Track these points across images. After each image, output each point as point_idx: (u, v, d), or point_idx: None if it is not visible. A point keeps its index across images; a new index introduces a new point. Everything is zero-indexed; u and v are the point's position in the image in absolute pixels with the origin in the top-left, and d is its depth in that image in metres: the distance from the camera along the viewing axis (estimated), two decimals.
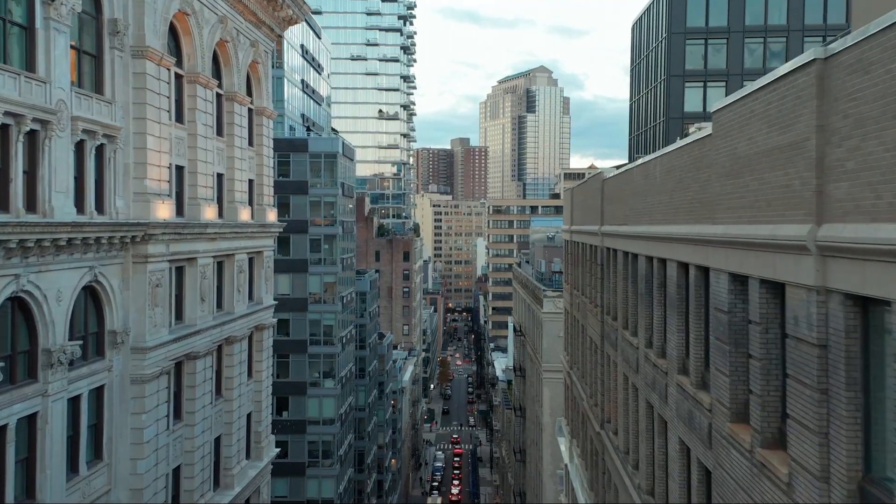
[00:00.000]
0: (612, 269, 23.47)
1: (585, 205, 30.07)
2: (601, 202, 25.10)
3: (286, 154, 59.35)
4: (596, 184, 26.56)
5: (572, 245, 35.19)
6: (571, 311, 35.61)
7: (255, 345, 37.87)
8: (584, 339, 31.00)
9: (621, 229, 21.07)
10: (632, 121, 72.70)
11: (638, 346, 18.88)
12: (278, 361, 59.87)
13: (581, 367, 31.85)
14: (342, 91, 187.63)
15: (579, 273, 33.31)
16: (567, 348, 38.34)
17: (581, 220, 31.91)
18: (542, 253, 72.84)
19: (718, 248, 11.84)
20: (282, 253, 60.10)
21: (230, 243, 33.10)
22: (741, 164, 10.89)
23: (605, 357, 24.80)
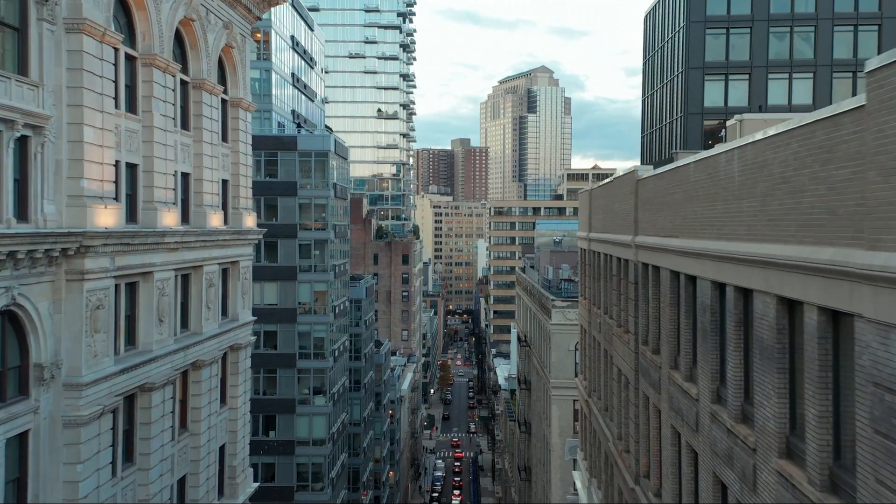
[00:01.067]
0: (653, 290, 18.96)
1: (610, 209, 25.56)
2: (634, 207, 20.59)
3: (273, 153, 54.90)
4: (626, 185, 22.04)
5: (591, 255, 30.70)
6: (590, 329, 31.10)
7: (230, 367, 33.41)
8: (607, 367, 26.48)
9: (668, 243, 16.54)
10: (644, 118, 68.22)
11: (698, 399, 14.36)
12: (265, 377, 55.47)
13: (604, 399, 27.33)
14: (340, 90, 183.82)
15: (600, 288, 28.84)
16: (584, 371, 33.85)
17: (603, 226, 27.42)
18: (548, 258, 68.36)
19: (878, 286, 7.35)
20: (269, 259, 55.65)
21: (197, 253, 28.62)
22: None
23: (640, 397, 20.28)
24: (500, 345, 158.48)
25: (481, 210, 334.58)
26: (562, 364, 53.40)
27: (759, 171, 11.09)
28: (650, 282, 19.26)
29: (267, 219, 55.27)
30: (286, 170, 54.92)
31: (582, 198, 34.18)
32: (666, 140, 60.05)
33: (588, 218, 31.61)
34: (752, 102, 54.56)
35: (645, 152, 68.23)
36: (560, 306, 53.69)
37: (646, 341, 19.95)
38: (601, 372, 28.09)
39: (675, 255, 16.20)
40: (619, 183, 23.43)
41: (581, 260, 34.35)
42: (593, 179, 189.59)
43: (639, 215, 20.44)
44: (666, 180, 17.32)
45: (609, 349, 25.74)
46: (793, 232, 9.68)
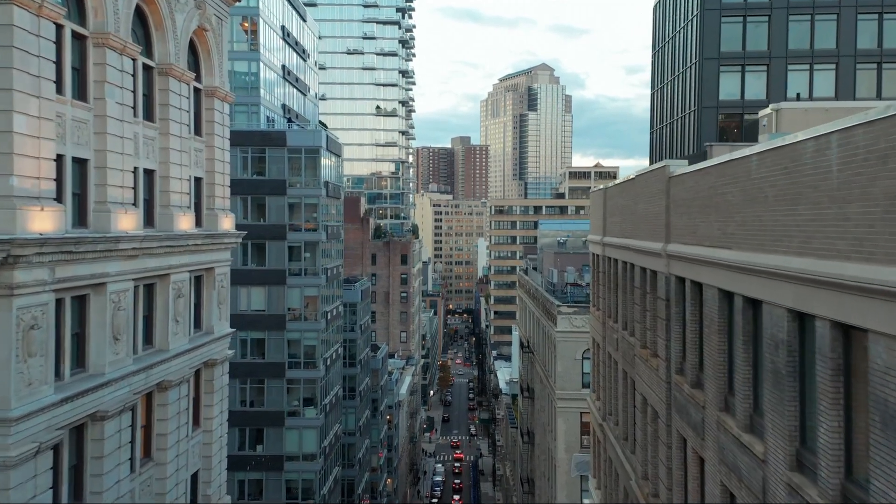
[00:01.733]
0: (691, 311, 15.66)
1: (631, 211, 22.27)
2: (665, 210, 17.29)
3: (261, 149, 51.58)
4: (653, 183, 18.74)
5: (605, 262, 27.42)
6: (604, 345, 27.81)
7: (205, 385, 30.14)
8: (627, 390, 23.20)
9: (717, 255, 13.25)
10: (653, 113, 64.89)
11: (766, 460, 11.04)
12: (252, 388, 52.19)
13: (623, 426, 24.01)
14: (338, 86, 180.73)
15: (617, 299, 25.59)
16: (597, 389, 30.58)
17: (622, 230, 24.13)
18: (552, 260, 65.07)
19: None
20: (256, 262, 52.37)
21: (162, 260, 25.33)
22: None
23: (674, 436, 16.97)
24: (501, 346, 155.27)
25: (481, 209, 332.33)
26: (568, 374, 50.16)
27: (880, 163, 7.78)
28: (687, 300, 15.96)
29: (255, 219, 52.03)
30: (275, 167, 51.63)
31: (594, 197, 30.88)
32: (678, 136, 56.74)
33: (602, 220, 28.32)
34: (770, 95, 51.23)
35: (654, 150, 64.91)
36: (566, 312, 50.42)
37: (681, 370, 16.64)
38: (619, 395, 24.78)
39: (728, 270, 12.90)
40: (644, 181, 20.11)
41: (593, 266, 31.04)
42: (595, 178, 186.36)
43: (671, 219, 17.13)
44: (712, 177, 14.00)
45: (630, 371, 22.43)
46: None
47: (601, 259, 28.57)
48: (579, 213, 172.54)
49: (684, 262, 15.91)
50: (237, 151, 51.46)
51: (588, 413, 50.86)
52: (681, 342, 16.79)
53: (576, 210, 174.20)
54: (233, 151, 51.88)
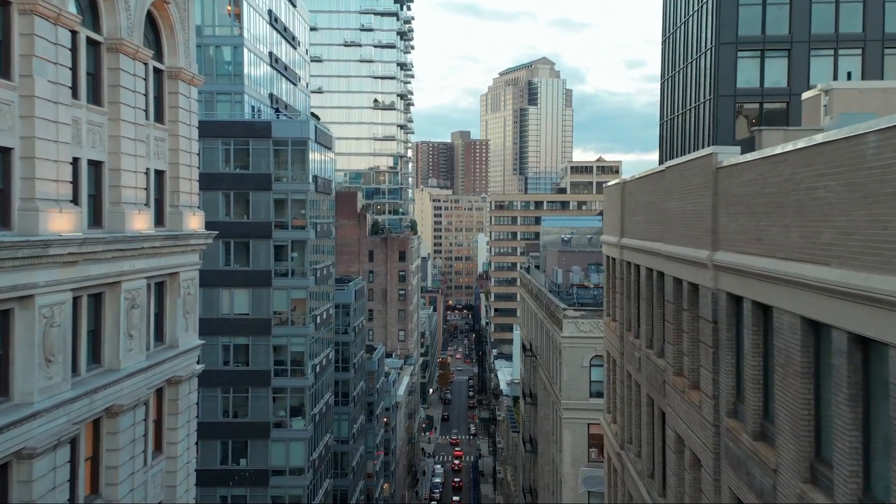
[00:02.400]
0: (752, 340, 12.12)
1: (659, 209, 18.72)
2: (712, 209, 13.75)
3: (244, 140, 47.98)
4: (693, 175, 15.18)
5: (624, 267, 23.88)
6: (622, 362, 24.28)
7: (168, 405, 26.61)
8: (653, 421, 19.67)
9: (799, 272, 9.69)
10: (663, 103, 61.27)
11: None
12: (235, 397, 48.68)
13: (647, 462, 20.47)
14: (335, 79, 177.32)
15: (638, 311, 22.09)
16: (612, 410, 27.06)
17: (646, 231, 20.60)
18: (556, 259, 61.52)
19: None
20: (240, 262, 48.83)
21: (110, 266, 21.77)
22: None
23: (725, 494, 13.42)
24: (502, 345, 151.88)
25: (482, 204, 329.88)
26: (575, 382, 46.71)
27: None
28: (746, 326, 12.40)
29: (237, 216, 48.48)
30: (259, 160, 48.05)
31: (609, 193, 27.31)
32: (690, 128, 53.11)
33: (619, 219, 24.75)
34: (792, 82, 47.68)
35: (664, 143, 61.29)
36: (572, 316, 46.92)
37: (735, 414, 13.09)
38: (642, 424, 21.24)
39: (820, 294, 9.32)
40: (679, 173, 16.53)
41: (608, 271, 27.50)
42: (598, 172, 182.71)
43: (720, 221, 13.58)
44: (790, 167, 10.41)
45: (658, 400, 18.87)
46: None
47: (618, 263, 25.01)
48: (581, 208, 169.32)
49: (742, 277, 12.35)
50: (219, 144, 47.93)
51: (597, 424, 47.48)
52: (734, 377, 13.25)
53: (577, 205, 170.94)
54: (214, 144, 48.41)
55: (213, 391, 47.80)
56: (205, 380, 48.35)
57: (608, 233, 27.38)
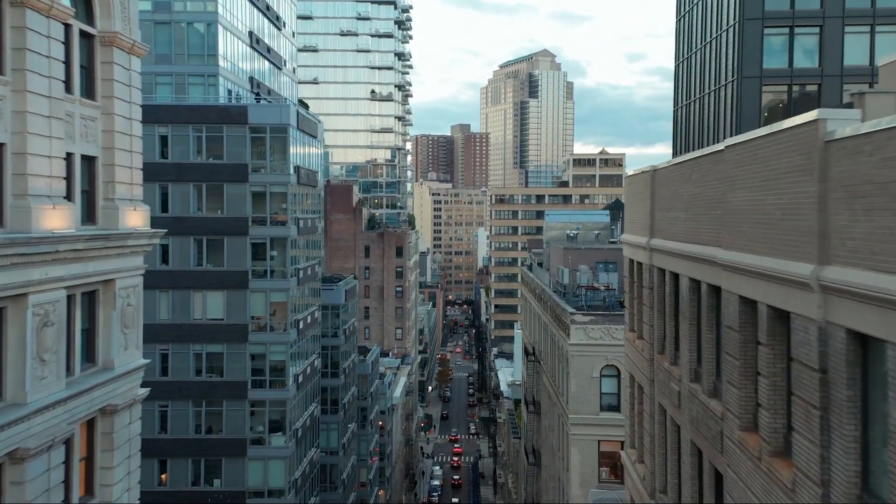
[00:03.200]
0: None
1: (712, 203, 14.18)
2: (818, 203, 9.13)
3: (217, 127, 43.36)
4: (776, 156, 10.60)
5: (654, 274, 19.34)
6: (652, 391, 19.75)
7: (102, 441, 22.05)
8: (704, 483, 15.09)
9: None
10: (677, 89, 56.61)
11: None
12: (208, 411, 44.15)
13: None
14: (331, 70, 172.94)
15: (675, 331, 17.61)
16: (636, 446, 22.53)
17: (688, 232, 16.10)
18: (561, 257, 56.97)
19: None
20: (213, 262, 44.29)
21: (10, 276, 17.22)
22: None
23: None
24: (502, 343, 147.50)
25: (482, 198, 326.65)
26: (583, 394, 42.29)
27: None
28: (893, 385, 7.81)
29: (211, 211, 43.92)
30: (234, 149, 43.43)
31: (633, 184, 22.70)
32: (710, 113, 48.46)
33: (647, 215, 20.18)
34: (823, 62, 43.08)
35: (678, 130, 56.64)
36: (581, 322, 42.48)
37: None
38: (683, 476, 16.70)
39: None
40: (754, 152, 11.94)
41: (631, 277, 22.93)
42: (601, 165, 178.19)
43: (834, 220, 9.01)
44: None
45: (711, 456, 14.32)
46: None
47: (646, 269, 20.42)
48: (584, 202, 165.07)
49: (877, 310, 7.76)
50: (190, 131, 43.33)
51: (609, 441, 43.07)
52: (858, 457, 8.67)
53: (580, 199, 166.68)
54: (184, 130, 43.81)
55: (184, 404, 43.32)
56: (175, 392, 43.89)
57: (631, 232, 22.78)
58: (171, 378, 43.49)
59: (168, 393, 43.14)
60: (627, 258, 23.31)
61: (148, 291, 45.06)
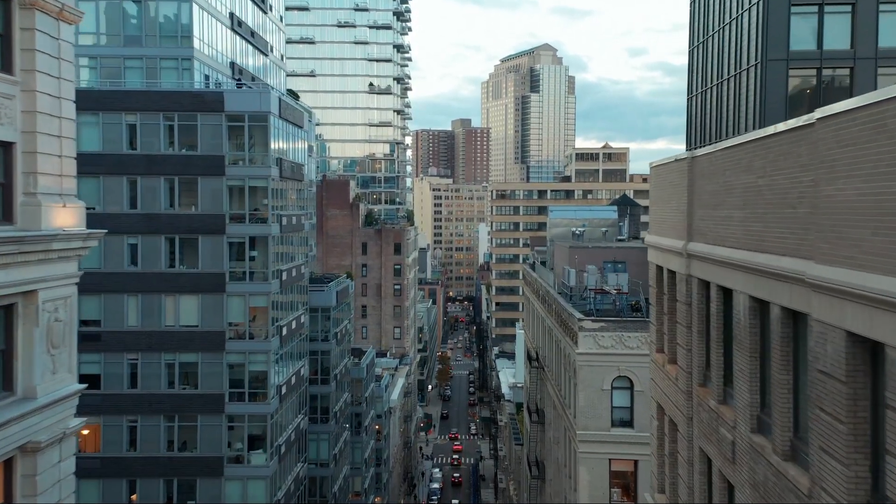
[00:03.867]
0: None
1: (790, 199, 10.17)
2: None
3: (191, 115, 39.51)
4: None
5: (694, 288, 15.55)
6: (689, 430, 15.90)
7: (23, 485, 18.27)
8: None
9: None
10: (693, 75, 52.72)
11: None
12: (181, 427, 40.37)
13: None
14: (328, 62, 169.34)
15: (725, 361, 13.72)
16: (664, 488, 18.68)
17: (753, 239, 12.32)
18: (566, 256, 53.16)
19: None
20: (187, 264, 40.50)
21: None
22: None
23: None
24: (504, 343, 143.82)
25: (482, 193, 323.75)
26: (593, 409, 38.55)
27: None
28: None
29: (184, 207, 40.13)
30: (209, 139, 39.58)
31: (662, 175, 18.88)
32: (730, 100, 44.56)
33: (684, 214, 16.37)
34: (856, 43, 39.16)
35: (693, 120, 52.76)
36: (590, 329, 38.70)
37: None
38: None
39: None
40: (882, 119, 8.00)
41: (660, 288, 19.14)
42: (604, 159, 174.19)
43: None
44: None
45: None
46: None
47: (680, 280, 16.60)
48: (587, 197, 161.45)
49: None
50: (160, 119, 39.51)
51: (621, 460, 39.33)
52: None
53: (583, 194, 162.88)
54: (154, 119, 39.98)
55: (155, 419, 39.56)
56: (145, 406, 40.15)
57: (659, 233, 18.95)
58: (141, 390, 39.74)
59: (137, 407, 39.43)
60: (654, 264, 19.46)
61: (115, 296, 41.71)
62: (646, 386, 38.76)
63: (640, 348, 38.37)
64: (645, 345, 38.75)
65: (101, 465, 39.31)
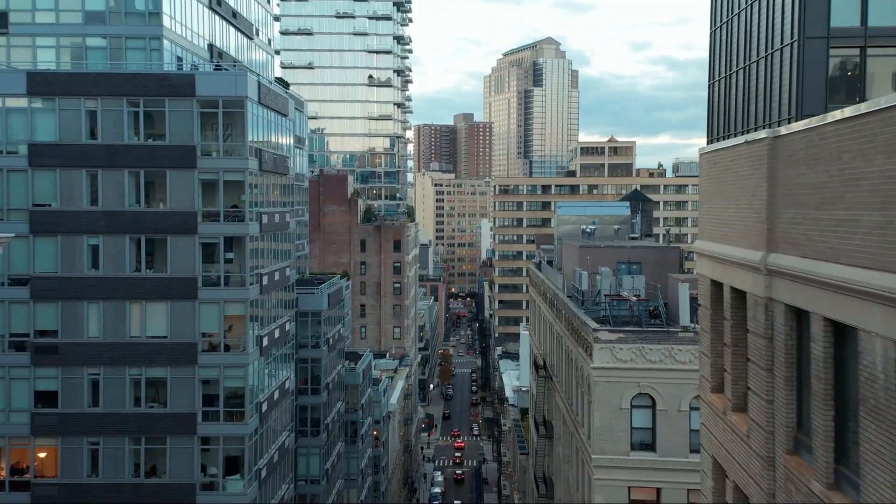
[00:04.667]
0: None
1: None
2: None
3: (158, 100, 35.06)
4: None
5: (777, 316, 11.17)
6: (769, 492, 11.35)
7: None
8: None
9: None
10: (716, 58, 48.28)
11: None
12: (148, 450, 36.10)
13: None
14: (326, 54, 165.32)
15: (834, 424, 9.23)
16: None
17: (886, 253, 7.53)
18: (576, 256, 48.82)
19: None
20: (155, 267, 36.17)
21: None
22: None
23: None
24: (507, 343, 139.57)
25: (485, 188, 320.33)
26: (610, 430, 34.31)
27: None
28: None
29: (151, 203, 35.81)
30: (179, 127, 35.14)
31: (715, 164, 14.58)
32: (761, 83, 40.11)
33: (760, 214, 12.04)
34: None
35: (714, 109, 48.32)
36: (606, 340, 34.42)
37: None
38: None
39: None
40: None
41: (715, 310, 14.82)
42: (610, 153, 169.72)
43: None
44: None
45: None
46: None
47: (755, 305, 12.28)
48: (592, 192, 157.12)
49: None
50: (123, 104, 35.13)
51: (641, 488, 35.12)
52: None
53: (588, 189, 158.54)
54: (117, 105, 35.60)
55: (119, 441, 35.25)
56: (107, 426, 35.85)
57: (717, 238, 14.65)
58: (104, 409, 35.41)
59: (99, 427, 35.12)
60: (707, 278, 15.09)
61: (74, 303, 37.29)
62: (670, 405, 34.57)
63: (663, 362, 34.13)
64: (668, 358, 34.51)
65: (58, 493, 35.08)
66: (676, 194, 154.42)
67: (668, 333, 34.24)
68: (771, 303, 11.70)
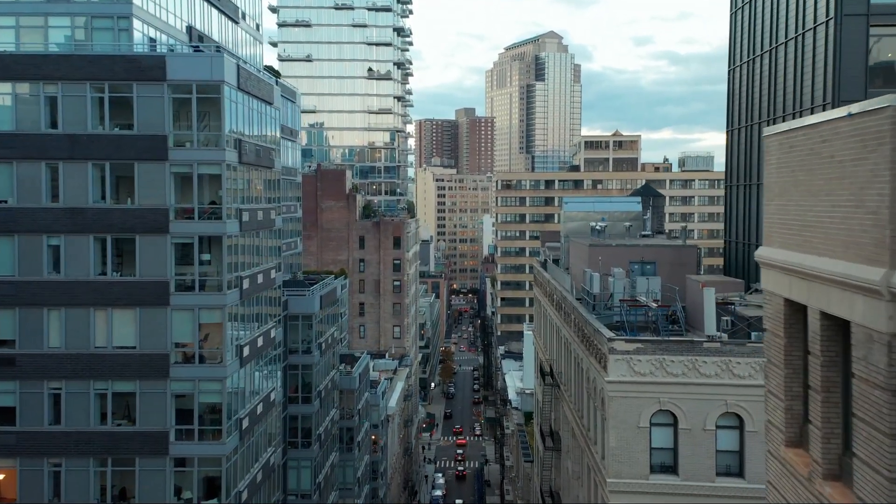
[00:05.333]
0: None
1: None
2: None
3: (126, 84, 31.63)
4: None
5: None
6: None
7: None
8: None
9: None
10: (736, 42, 44.71)
11: None
12: (115, 472, 32.65)
13: None
14: (324, 46, 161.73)
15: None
16: None
17: None
18: (584, 255, 45.42)
19: None
20: (123, 270, 32.73)
21: None
22: None
23: None
24: (510, 342, 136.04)
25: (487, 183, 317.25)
26: (628, 451, 30.94)
27: None
28: None
29: (118, 198, 32.38)
30: (148, 116, 31.73)
31: (792, 149, 10.97)
32: (790, 67, 36.57)
33: (886, 220, 8.29)
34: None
35: (736, 95, 44.76)
36: (623, 351, 31.02)
37: None
38: None
39: None
40: None
41: (791, 341, 11.18)
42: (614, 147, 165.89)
43: None
44: None
45: None
46: None
47: (868, 342, 8.65)
48: (596, 187, 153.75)
49: None
50: (87, 90, 31.70)
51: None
52: None
53: (592, 184, 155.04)
54: (80, 90, 32.09)
55: (83, 462, 31.88)
56: (71, 446, 32.41)
57: (799, 247, 11.15)
58: (67, 427, 32.00)
59: (62, 447, 31.73)
60: (779, 297, 11.59)
61: (33, 310, 33.81)
62: (693, 423, 31.18)
63: (686, 375, 30.71)
64: (692, 371, 31.12)
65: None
66: (683, 189, 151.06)
67: (692, 344, 30.85)
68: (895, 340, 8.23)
